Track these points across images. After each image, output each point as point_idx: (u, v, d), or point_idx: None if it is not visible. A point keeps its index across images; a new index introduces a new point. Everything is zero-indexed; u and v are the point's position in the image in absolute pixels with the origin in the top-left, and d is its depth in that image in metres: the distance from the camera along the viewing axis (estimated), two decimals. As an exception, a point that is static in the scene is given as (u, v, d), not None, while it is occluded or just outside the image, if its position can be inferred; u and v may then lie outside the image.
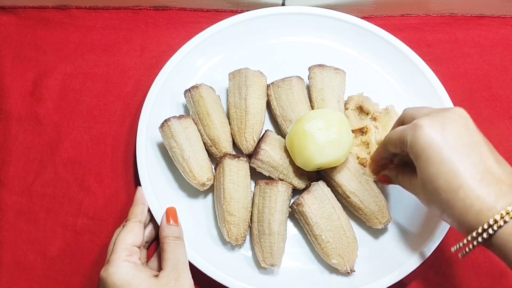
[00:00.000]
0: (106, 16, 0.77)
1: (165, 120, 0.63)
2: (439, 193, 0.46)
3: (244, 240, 0.62)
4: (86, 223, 0.66)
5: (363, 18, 0.73)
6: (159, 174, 0.66)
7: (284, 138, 0.64)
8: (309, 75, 0.68)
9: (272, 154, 0.62)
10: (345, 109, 0.67)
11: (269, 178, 0.63)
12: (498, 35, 0.77)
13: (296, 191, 0.64)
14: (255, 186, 0.63)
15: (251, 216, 0.62)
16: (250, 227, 0.62)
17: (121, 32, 0.76)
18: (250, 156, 0.64)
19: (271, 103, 0.67)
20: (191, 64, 0.71)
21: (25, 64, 0.74)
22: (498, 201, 0.43)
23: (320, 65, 0.68)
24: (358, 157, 0.65)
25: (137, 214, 0.60)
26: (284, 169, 0.62)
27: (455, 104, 0.68)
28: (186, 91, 0.66)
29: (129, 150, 0.69)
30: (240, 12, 0.74)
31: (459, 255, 0.48)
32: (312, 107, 0.67)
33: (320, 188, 0.61)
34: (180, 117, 0.64)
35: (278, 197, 0.61)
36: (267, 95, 0.67)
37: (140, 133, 0.66)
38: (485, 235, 0.43)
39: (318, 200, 0.60)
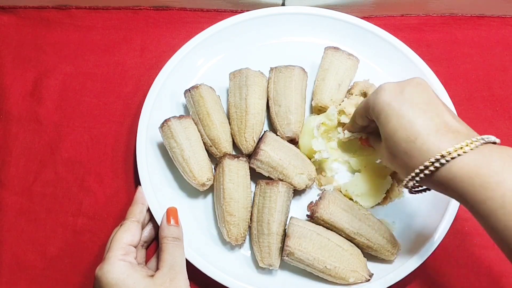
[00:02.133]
0: (106, 16, 0.77)
1: (165, 120, 0.63)
2: (399, 144, 0.48)
3: (244, 240, 0.62)
4: (86, 223, 0.66)
5: (363, 18, 0.73)
6: (159, 174, 0.66)
7: (273, 120, 0.66)
8: (322, 55, 0.70)
9: (271, 155, 0.62)
10: (350, 94, 0.68)
11: (269, 178, 0.63)
12: (498, 35, 0.77)
13: (296, 192, 0.64)
14: (255, 186, 0.63)
15: (251, 215, 0.62)
16: (250, 227, 0.62)
17: (121, 32, 0.76)
18: (250, 156, 0.64)
19: (268, 85, 0.68)
20: (191, 64, 0.71)
21: (25, 64, 0.74)
22: (452, 146, 0.46)
23: (335, 48, 0.69)
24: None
25: (135, 214, 0.60)
26: (283, 169, 0.62)
27: (455, 104, 0.68)
28: (186, 91, 0.66)
29: (129, 150, 0.69)
30: (240, 12, 0.74)
31: (406, 190, 0.52)
32: (314, 84, 0.69)
33: (296, 226, 0.60)
34: (180, 117, 0.64)
35: (278, 197, 0.60)
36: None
37: (140, 133, 0.66)
38: (427, 171, 0.47)
39: (302, 238, 0.59)
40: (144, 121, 0.66)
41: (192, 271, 0.59)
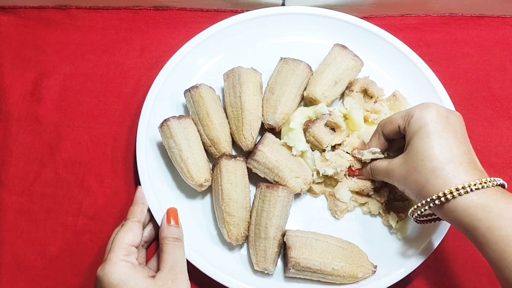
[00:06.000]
0: (106, 16, 0.77)
1: (165, 120, 0.63)
2: (430, 160, 0.51)
3: (245, 240, 0.62)
4: (86, 223, 0.66)
5: (363, 18, 0.73)
6: (159, 174, 0.66)
7: (262, 105, 0.66)
8: (329, 51, 0.69)
9: (268, 156, 0.62)
10: (350, 91, 0.68)
11: (265, 180, 0.63)
12: (498, 35, 0.77)
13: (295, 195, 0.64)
14: (256, 188, 0.63)
15: (250, 217, 0.62)
16: (248, 229, 0.62)
17: (121, 32, 0.76)
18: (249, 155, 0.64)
19: (272, 72, 0.68)
20: (191, 64, 0.71)
21: (25, 64, 0.74)
22: (475, 180, 0.50)
23: (343, 46, 0.69)
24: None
25: (136, 214, 0.60)
26: (279, 171, 0.62)
27: (455, 104, 0.68)
28: (186, 91, 0.66)
29: (129, 150, 0.69)
30: (240, 12, 0.74)
31: (413, 218, 0.56)
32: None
33: (294, 237, 0.59)
34: (180, 117, 0.64)
35: (278, 202, 0.60)
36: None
37: (140, 133, 0.66)
38: (448, 197, 0.49)
39: (304, 246, 0.58)
40: (144, 121, 0.66)
41: (193, 271, 0.59)
